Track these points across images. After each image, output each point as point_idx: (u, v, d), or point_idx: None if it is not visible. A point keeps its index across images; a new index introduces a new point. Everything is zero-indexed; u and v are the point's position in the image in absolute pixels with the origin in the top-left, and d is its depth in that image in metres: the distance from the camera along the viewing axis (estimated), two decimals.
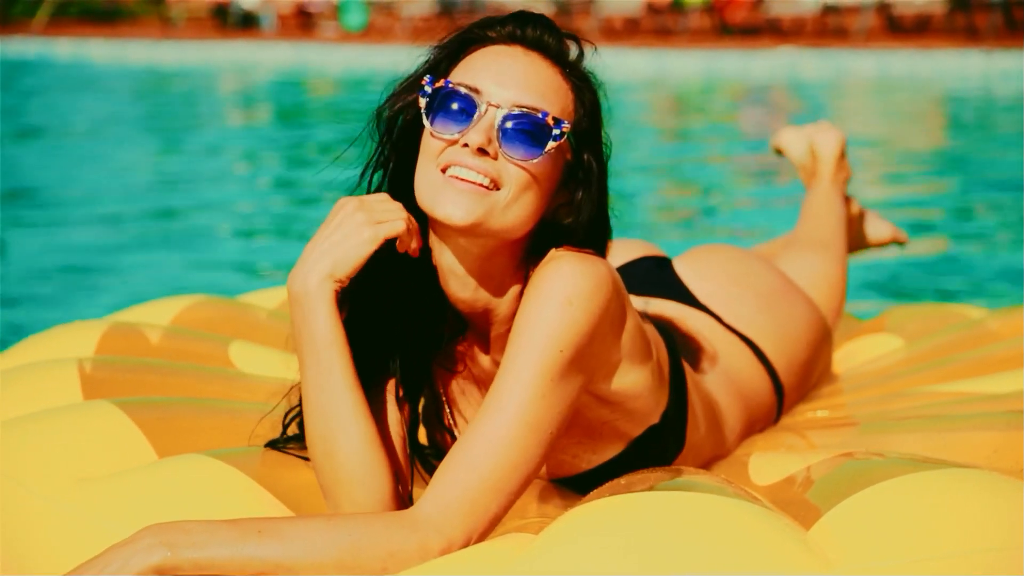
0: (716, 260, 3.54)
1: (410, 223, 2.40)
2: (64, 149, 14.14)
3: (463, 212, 2.34)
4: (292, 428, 2.62)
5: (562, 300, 2.34)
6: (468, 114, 2.37)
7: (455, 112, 2.39)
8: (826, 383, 3.64)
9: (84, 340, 3.21)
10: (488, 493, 2.27)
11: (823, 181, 4.40)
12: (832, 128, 4.54)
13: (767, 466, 2.76)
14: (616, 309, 2.45)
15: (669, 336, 2.89)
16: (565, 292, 2.34)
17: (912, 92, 20.44)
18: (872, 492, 2.20)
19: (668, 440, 2.72)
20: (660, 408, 2.67)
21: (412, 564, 2.18)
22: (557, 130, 2.39)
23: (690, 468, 2.70)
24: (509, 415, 2.30)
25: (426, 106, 2.42)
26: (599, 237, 2.51)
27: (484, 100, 2.37)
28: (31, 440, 2.56)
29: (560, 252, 2.43)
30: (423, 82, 2.44)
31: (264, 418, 2.66)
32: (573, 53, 2.51)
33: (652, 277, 3.38)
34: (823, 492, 2.32)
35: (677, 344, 2.93)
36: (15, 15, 35.84)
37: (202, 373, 3.13)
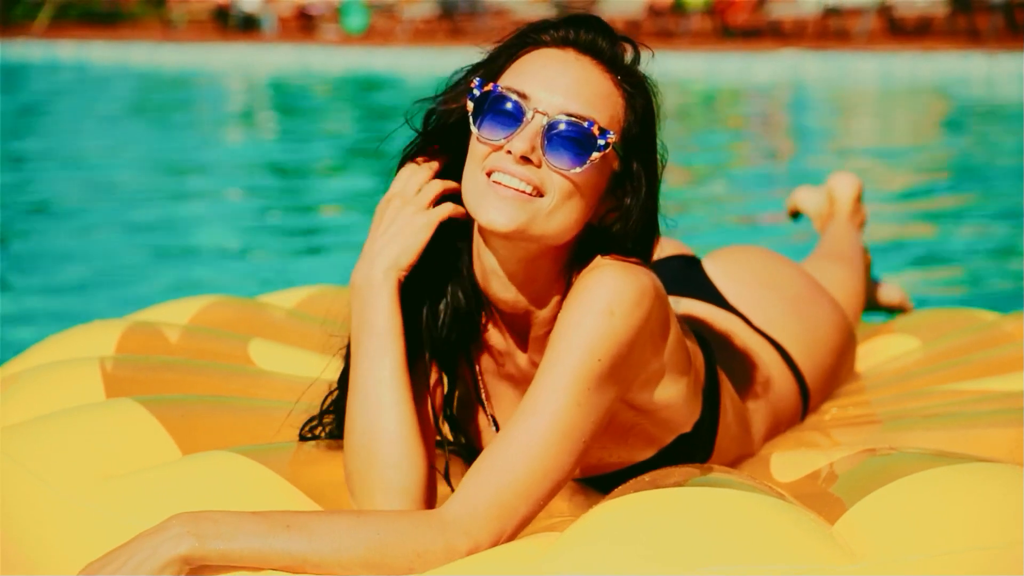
0: (746, 261, 3.54)
1: (448, 187, 2.49)
2: (66, 151, 14.12)
3: (505, 219, 2.34)
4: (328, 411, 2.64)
5: (604, 309, 2.34)
6: (515, 120, 2.36)
7: (502, 117, 2.37)
8: (845, 382, 3.65)
9: (104, 340, 3.21)
10: (518, 497, 2.27)
11: (840, 219, 4.48)
12: (849, 174, 4.68)
13: (789, 463, 2.77)
14: (657, 321, 2.45)
15: (707, 345, 2.89)
16: (607, 301, 2.34)
17: (914, 94, 20.44)
18: (896, 486, 2.21)
19: (697, 449, 2.72)
20: (693, 418, 2.68)
21: (438, 564, 2.19)
22: (602, 140, 2.37)
23: (715, 465, 2.71)
24: (544, 421, 2.30)
25: (473, 109, 2.40)
26: (646, 245, 2.50)
27: (531, 106, 2.36)
28: (56, 438, 2.57)
29: (605, 260, 2.43)
30: (472, 84, 2.42)
31: (290, 414, 2.69)
32: (628, 57, 2.48)
33: (682, 276, 3.37)
34: (846, 488, 2.34)
35: (714, 353, 2.92)
36: (16, 17, 35.84)
37: (223, 371, 3.14)
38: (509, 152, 2.35)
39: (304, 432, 2.66)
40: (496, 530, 2.25)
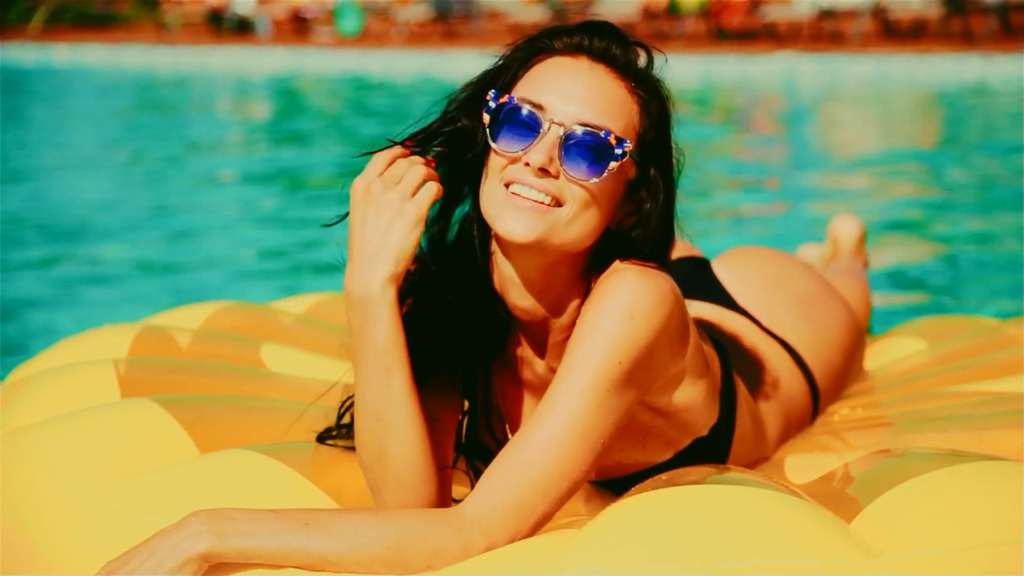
0: (755, 263, 3.56)
1: (430, 174, 2.37)
2: (61, 154, 14.11)
3: (524, 229, 2.35)
4: (344, 418, 2.65)
5: (624, 312, 2.35)
6: (531, 131, 2.37)
7: (519, 128, 2.38)
8: (853, 382, 3.67)
9: (116, 343, 3.24)
10: (535, 497, 2.28)
11: (843, 257, 4.52)
12: (851, 217, 4.71)
13: (803, 466, 2.80)
14: (677, 325, 2.46)
15: (722, 349, 2.90)
16: (628, 305, 2.36)
17: (910, 96, 20.47)
18: (911, 485, 2.23)
19: (713, 452, 2.73)
20: (711, 422, 2.70)
21: (456, 561, 2.21)
22: (619, 149, 2.38)
23: (731, 466, 2.73)
24: (563, 422, 2.31)
25: (490, 122, 2.41)
26: (664, 249, 2.52)
27: (547, 118, 2.37)
28: (74, 437, 2.59)
29: (624, 265, 2.44)
30: (487, 97, 2.42)
31: (303, 414, 2.71)
32: (642, 62, 2.48)
33: (691, 279, 3.38)
34: (862, 487, 2.36)
35: (730, 357, 2.93)
36: (10, 21, 35.81)
37: (237, 373, 3.17)
38: (527, 164, 2.35)
39: (323, 437, 2.67)
40: (513, 529, 2.26)
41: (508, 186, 2.37)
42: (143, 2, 37.89)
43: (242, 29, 33.85)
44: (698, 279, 3.42)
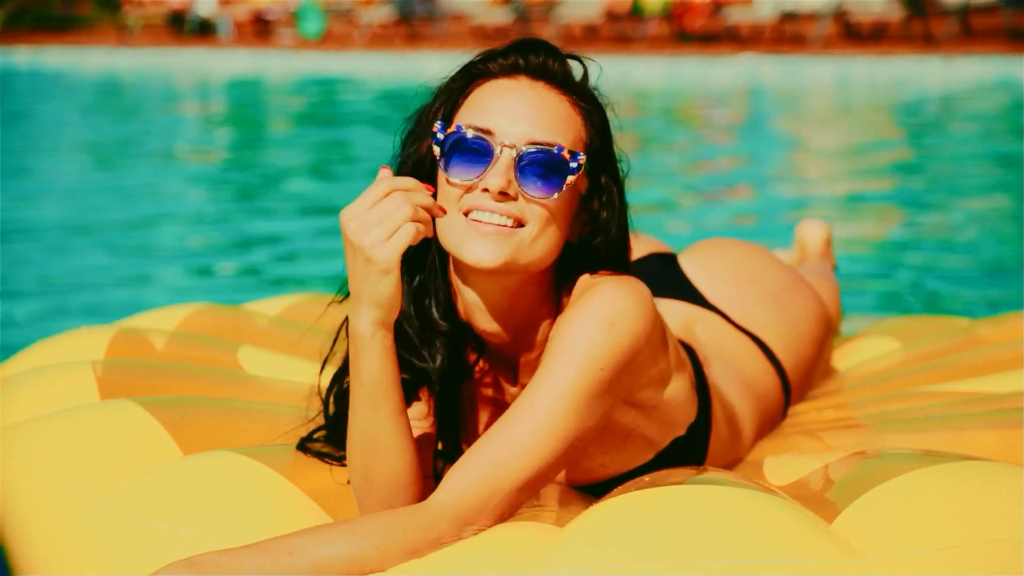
0: (722, 255, 3.56)
1: (417, 213, 2.29)
2: (19, 157, 14.03)
3: (491, 255, 2.36)
4: (319, 432, 2.65)
5: (605, 321, 2.37)
6: (484, 157, 2.37)
7: (470, 156, 2.38)
8: (828, 383, 3.69)
9: (93, 345, 3.23)
10: (503, 488, 2.30)
11: (810, 261, 4.54)
12: (817, 220, 4.75)
13: (782, 467, 2.80)
14: (657, 331, 2.48)
15: (690, 349, 2.92)
16: (608, 314, 2.37)
17: (872, 98, 20.57)
18: (891, 485, 2.24)
19: (691, 451, 2.75)
20: (689, 419, 2.71)
21: (431, 551, 2.23)
22: (574, 163, 2.40)
23: (711, 467, 2.74)
24: (538, 422, 2.33)
25: (440, 153, 2.41)
26: (625, 253, 2.54)
27: (497, 141, 2.37)
28: (57, 437, 2.59)
29: (597, 278, 2.46)
30: (435, 129, 2.42)
31: (290, 426, 2.70)
32: (577, 73, 2.50)
33: (659, 276, 3.38)
34: (840, 489, 2.37)
35: (699, 358, 2.95)
36: None
37: (216, 375, 3.16)
38: (485, 190, 2.36)
39: (303, 446, 2.66)
40: (480, 518, 2.28)
41: (467, 214, 2.38)
42: (104, 4, 37.71)
43: (204, 31, 33.74)
44: (666, 276, 3.43)
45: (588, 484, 2.68)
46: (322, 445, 2.62)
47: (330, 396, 2.62)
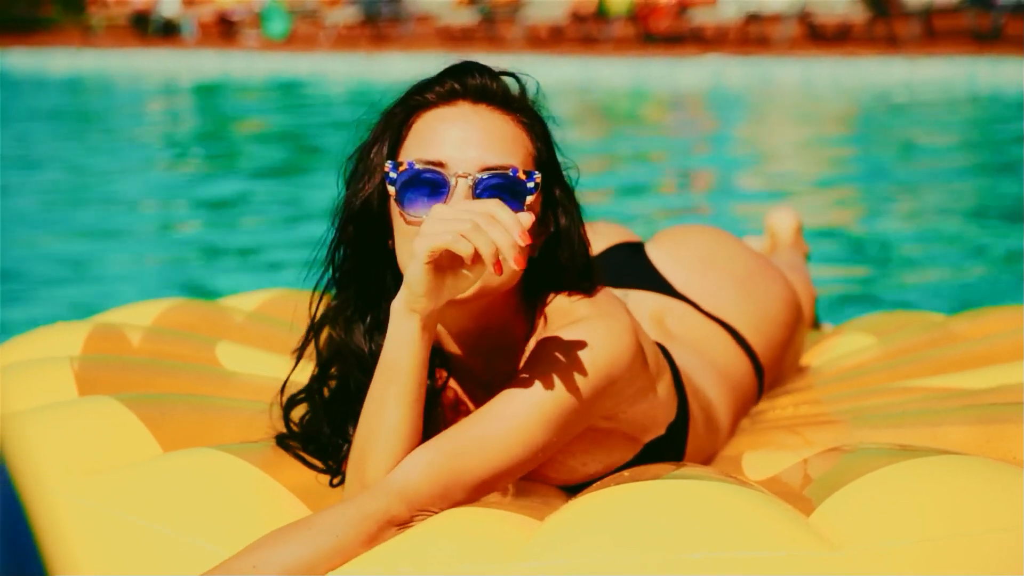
0: (690, 243, 3.55)
1: (485, 244, 2.15)
2: None
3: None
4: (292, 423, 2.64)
5: (589, 361, 2.37)
6: (440, 189, 2.33)
7: (426, 190, 2.34)
8: (804, 378, 3.70)
9: (70, 341, 3.22)
10: (462, 485, 2.29)
11: (782, 250, 4.55)
12: (787, 208, 4.77)
13: (759, 463, 2.81)
14: (638, 361, 2.49)
15: (666, 350, 2.92)
16: (591, 358, 2.37)
17: (836, 98, 20.65)
18: (868, 480, 2.25)
19: (670, 448, 2.75)
20: (668, 419, 2.72)
21: (387, 530, 2.21)
22: (531, 182, 2.36)
23: (691, 463, 2.75)
24: (506, 428, 2.32)
25: (396, 193, 2.37)
26: (588, 260, 2.53)
27: (451, 172, 2.33)
28: (36, 434, 2.57)
29: (577, 304, 2.47)
30: (387, 169, 2.38)
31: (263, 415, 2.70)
32: (514, 89, 2.47)
33: (627, 266, 3.38)
34: (817, 484, 2.37)
35: (673, 356, 2.95)
36: None
37: (196, 372, 3.16)
38: None
39: (281, 442, 2.65)
40: (434, 504, 2.27)
41: None
42: (68, 5, 37.53)
43: (168, 32, 33.62)
44: (633, 266, 3.42)
45: (568, 484, 2.68)
46: (299, 446, 2.62)
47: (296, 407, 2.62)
